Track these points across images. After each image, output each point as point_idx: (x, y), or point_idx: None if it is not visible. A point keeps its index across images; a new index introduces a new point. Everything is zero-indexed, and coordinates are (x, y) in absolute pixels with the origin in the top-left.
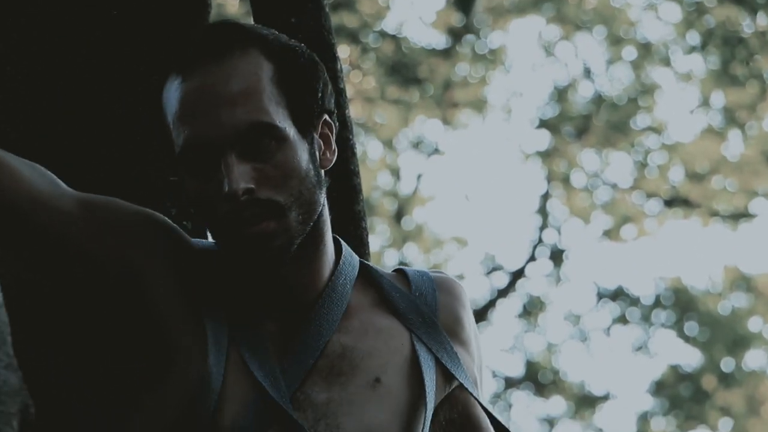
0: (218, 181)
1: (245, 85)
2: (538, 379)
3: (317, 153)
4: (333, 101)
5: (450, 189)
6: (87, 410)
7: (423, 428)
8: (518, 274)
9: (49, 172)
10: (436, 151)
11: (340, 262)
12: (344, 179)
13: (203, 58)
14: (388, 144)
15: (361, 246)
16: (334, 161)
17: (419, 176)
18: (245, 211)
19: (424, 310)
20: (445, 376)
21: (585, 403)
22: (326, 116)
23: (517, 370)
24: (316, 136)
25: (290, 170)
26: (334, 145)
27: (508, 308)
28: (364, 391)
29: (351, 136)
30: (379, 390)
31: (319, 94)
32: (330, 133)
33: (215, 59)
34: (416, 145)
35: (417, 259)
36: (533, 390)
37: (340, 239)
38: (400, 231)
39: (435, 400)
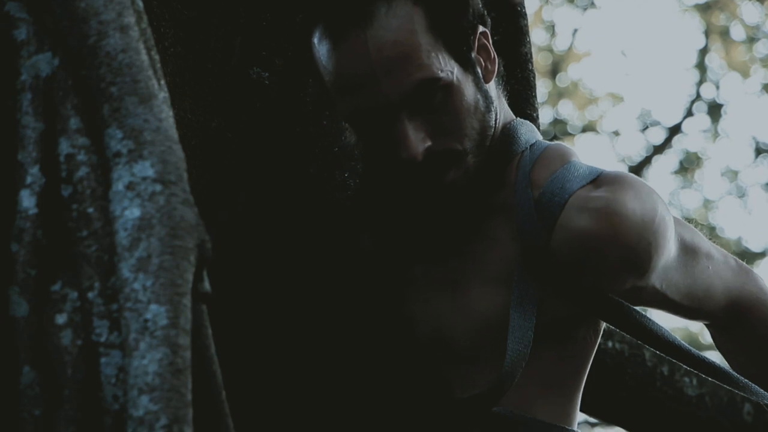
0: (393, 139)
1: (400, 48)
2: None
3: (480, 72)
4: (481, 5)
5: (606, 44)
6: None
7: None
8: (675, 130)
9: None
10: (592, 4)
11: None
12: (511, 20)
13: (350, 19)
14: None
15: (528, 89)
16: (497, 69)
17: (575, 31)
18: (426, 166)
19: (538, 227)
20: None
21: (742, 259)
22: (480, 27)
23: None
24: (474, 55)
25: (462, 111)
26: (492, 53)
27: (664, 165)
28: (442, 291)
29: None
30: (456, 294)
31: (470, 12)
32: (486, 41)
33: (363, 20)
34: None
35: (572, 116)
36: None
37: (513, 125)
38: (555, 87)
39: (528, 318)
